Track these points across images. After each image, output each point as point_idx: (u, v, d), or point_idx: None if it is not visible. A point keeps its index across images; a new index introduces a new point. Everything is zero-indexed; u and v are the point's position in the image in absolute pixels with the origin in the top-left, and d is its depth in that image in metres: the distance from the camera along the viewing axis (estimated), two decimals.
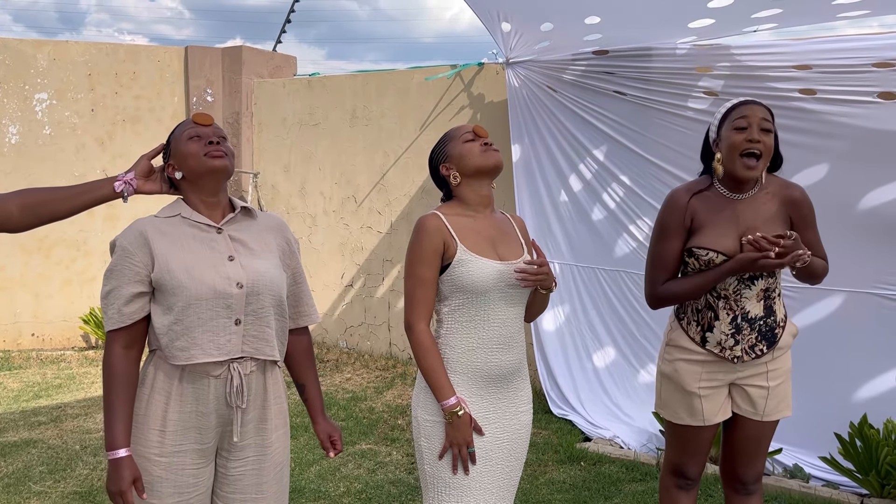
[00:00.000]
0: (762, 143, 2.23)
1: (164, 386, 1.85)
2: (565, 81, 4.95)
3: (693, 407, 2.38)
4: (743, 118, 2.25)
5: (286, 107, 6.89)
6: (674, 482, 2.52)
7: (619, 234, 4.95)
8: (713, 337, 2.34)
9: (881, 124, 3.95)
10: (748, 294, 2.31)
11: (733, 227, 2.29)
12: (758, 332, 2.33)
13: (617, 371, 4.96)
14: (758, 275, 2.30)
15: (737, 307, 2.31)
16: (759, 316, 2.32)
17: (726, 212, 2.30)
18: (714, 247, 2.27)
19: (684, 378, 2.38)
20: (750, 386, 2.37)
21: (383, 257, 6.38)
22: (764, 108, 2.28)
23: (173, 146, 1.94)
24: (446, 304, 2.05)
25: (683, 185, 2.42)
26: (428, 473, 2.04)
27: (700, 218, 2.32)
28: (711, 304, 2.34)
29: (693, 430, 2.42)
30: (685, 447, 2.46)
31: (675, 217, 2.34)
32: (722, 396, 2.40)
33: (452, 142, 2.11)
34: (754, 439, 2.41)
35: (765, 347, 2.33)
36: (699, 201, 2.33)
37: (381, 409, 5.14)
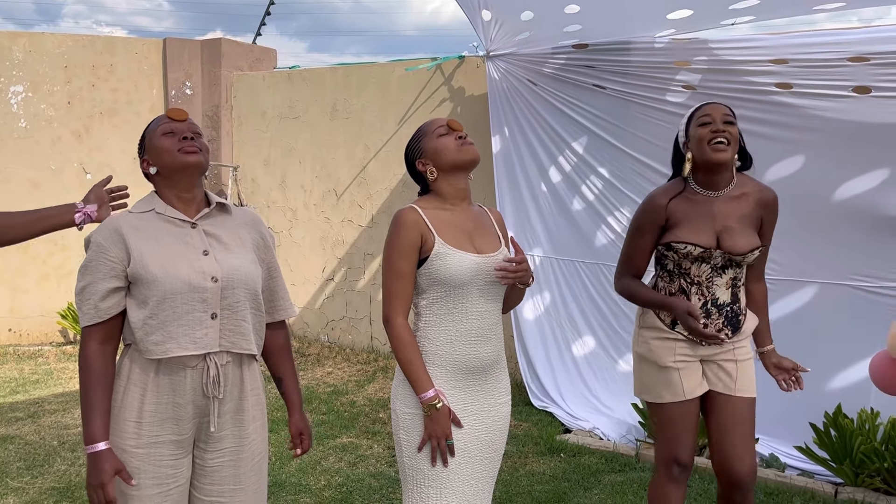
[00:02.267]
0: (727, 132, 2.39)
1: (139, 378, 1.85)
2: (545, 75, 4.97)
3: (672, 381, 2.48)
4: (706, 115, 2.44)
5: (266, 100, 6.85)
6: (668, 475, 2.51)
7: (598, 227, 4.98)
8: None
9: (856, 118, 4.01)
10: (718, 282, 2.47)
11: (710, 223, 2.44)
12: (725, 318, 2.48)
13: (596, 363, 5.00)
14: (728, 264, 2.46)
15: (708, 293, 2.48)
16: (727, 302, 2.49)
17: (703, 209, 2.47)
18: (692, 240, 2.43)
19: (659, 354, 2.50)
20: (721, 360, 2.51)
21: (364, 251, 6.37)
22: (725, 107, 2.46)
23: (147, 141, 1.94)
24: (424, 298, 2.06)
25: (661, 188, 2.55)
26: (407, 466, 2.05)
27: (677, 216, 2.48)
28: (685, 289, 2.50)
29: (676, 408, 2.49)
30: (672, 429, 2.50)
31: (652, 217, 2.51)
32: (697, 372, 2.51)
33: (427, 137, 2.11)
34: (737, 420, 2.47)
35: (729, 332, 2.49)
36: (676, 202, 2.49)
37: (363, 402, 5.14)
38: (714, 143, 2.39)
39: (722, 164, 2.42)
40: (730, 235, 2.43)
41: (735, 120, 2.45)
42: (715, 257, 2.45)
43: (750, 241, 2.44)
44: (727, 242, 2.43)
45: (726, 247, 2.43)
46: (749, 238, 2.44)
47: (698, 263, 2.47)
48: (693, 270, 2.48)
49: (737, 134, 2.43)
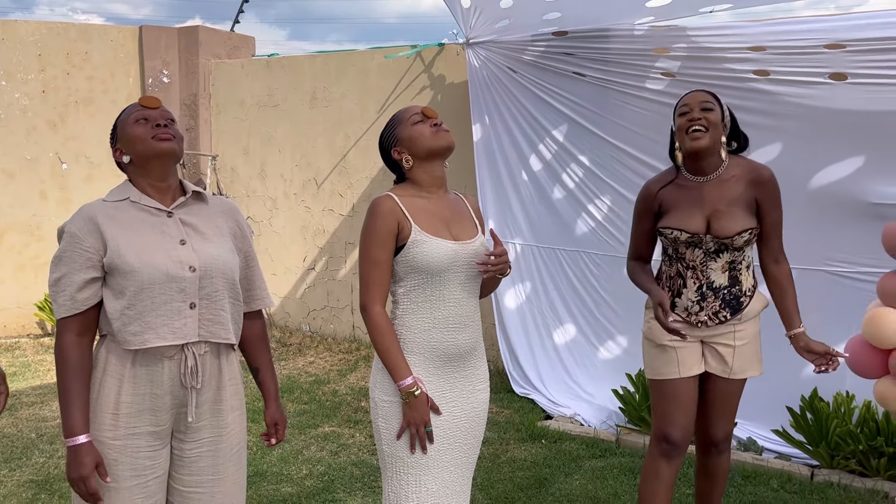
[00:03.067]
0: (703, 118, 2.45)
1: (116, 369, 1.83)
2: (525, 62, 4.96)
3: (669, 358, 2.57)
4: (685, 105, 2.50)
5: (244, 88, 6.78)
6: (659, 450, 2.60)
7: (579, 214, 4.99)
8: (681, 303, 2.58)
9: (832, 104, 4.04)
10: (714, 266, 2.54)
11: (698, 208, 2.51)
12: (721, 300, 2.54)
13: (577, 349, 5.03)
14: (723, 247, 2.51)
15: (703, 277, 2.55)
16: (724, 286, 2.54)
17: (692, 195, 2.53)
18: (678, 226, 2.52)
19: (656, 333, 2.59)
20: (718, 344, 2.58)
21: (345, 240, 6.34)
22: (704, 93, 2.52)
23: (120, 130, 1.91)
24: (401, 285, 2.05)
25: (656, 176, 2.67)
26: (386, 453, 2.05)
27: (668, 203, 2.58)
28: (681, 272, 2.59)
29: (673, 385, 2.57)
30: (668, 406, 2.58)
31: (645, 205, 2.65)
32: (696, 351, 2.59)
33: (402, 125, 2.09)
34: (724, 397, 2.61)
35: (728, 314, 2.54)
36: (668, 189, 2.59)
37: (345, 391, 5.14)
38: (691, 132, 2.45)
39: (701, 151, 2.46)
40: (718, 219, 2.47)
41: (715, 105, 2.49)
42: (706, 242, 2.50)
43: (738, 223, 2.46)
44: (716, 226, 2.47)
45: (714, 231, 2.47)
46: (738, 220, 2.47)
47: (691, 248, 2.54)
48: (688, 255, 2.55)
49: (716, 119, 2.47)
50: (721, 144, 2.50)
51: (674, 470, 2.59)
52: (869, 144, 4.00)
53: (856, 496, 3.52)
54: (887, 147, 3.96)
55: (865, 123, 3.98)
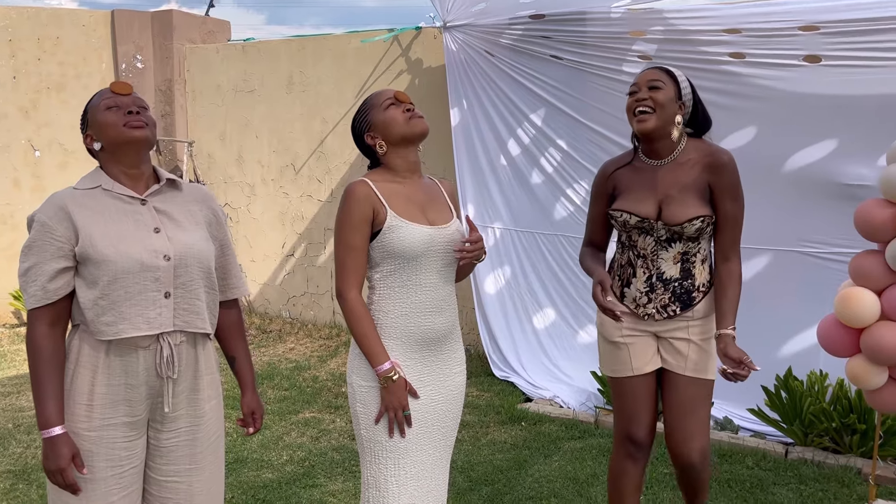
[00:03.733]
0: (650, 98, 2.30)
1: (89, 360, 1.81)
2: (502, 46, 4.94)
3: (621, 356, 2.45)
4: (634, 84, 2.37)
5: (220, 73, 6.71)
6: (623, 451, 2.50)
7: (557, 199, 5.01)
8: (629, 293, 2.45)
9: (806, 87, 4.07)
10: (665, 255, 2.39)
11: (651, 192, 2.37)
12: (671, 293, 2.39)
13: (556, 332, 5.06)
14: (675, 236, 2.36)
15: (653, 267, 2.41)
16: (675, 277, 2.39)
17: (646, 178, 2.40)
18: (628, 209, 2.39)
19: (608, 329, 2.47)
20: (674, 339, 2.42)
21: (324, 226, 6.32)
22: (655, 70, 2.37)
23: (90, 116, 1.87)
24: (378, 271, 2.05)
25: (613, 158, 2.55)
26: (365, 438, 2.05)
27: (622, 185, 2.44)
28: (632, 261, 2.45)
29: (628, 383, 2.45)
30: (626, 404, 2.47)
31: (599, 187, 2.52)
32: (649, 347, 2.44)
33: (375, 109, 2.08)
34: (687, 401, 2.40)
35: (678, 308, 2.39)
36: (623, 171, 2.46)
37: (325, 377, 5.14)
38: (637, 113, 2.31)
39: (648, 134, 2.32)
40: (669, 205, 2.33)
41: (666, 84, 2.32)
42: (657, 229, 2.37)
43: (689, 210, 2.31)
44: (666, 212, 2.33)
45: (665, 217, 2.33)
46: (689, 207, 2.31)
47: (643, 235, 2.40)
48: (639, 243, 2.42)
49: (665, 98, 2.30)
50: (674, 125, 2.32)
51: (640, 469, 2.49)
52: (842, 126, 4.05)
53: (829, 473, 3.58)
54: (860, 129, 4.01)
55: (839, 105, 4.02)
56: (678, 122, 2.33)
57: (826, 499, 3.34)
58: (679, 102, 2.35)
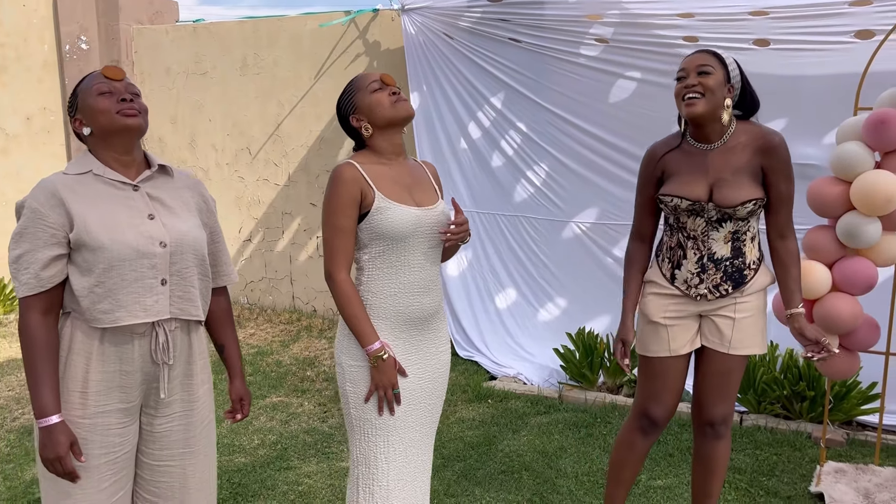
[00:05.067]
0: (700, 84, 2.29)
1: (83, 347, 1.80)
2: (461, 28, 4.98)
3: (660, 336, 2.47)
4: (682, 70, 2.35)
5: (170, 55, 6.56)
6: (637, 424, 2.55)
7: (518, 181, 5.09)
8: (680, 275, 2.45)
9: (756, 69, 4.18)
10: (716, 236, 2.40)
11: (702, 176, 2.37)
12: (723, 273, 2.41)
13: (518, 312, 5.16)
14: (726, 217, 2.37)
15: (704, 248, 2.41)
16: (726, 257, 2.40)
17: (696, 162, 2.39)
18: (679, 193, 2.38)
19: (650, 309, 2.49)
20: (717, 316, 2.44)
21: (282, 210, 6.27)
22: (704, 54, 2.34)
23: (81, 100, 1.84)
24: (366, 252, 2.08)
25: (661, 140, 2.51)
26: (354, 417, 2.10)
27: (670, 169, 2.43)
28: (682, 243, 2.45)
29: (661, 363, 2.48)
30: (653, 383, 2.50)
31: (647, 169, 2.49)
32: (690, 330, 2.47)
33: (360, 92, 2.10)
34: (721, 373, 2.46)
35: (730, 287, 2.41)
36: (672, 155, 2.44)
37: (289, 362, 5.14)
38: (686, 98, 2.31)
39: (698, 118, 2.31)
40: (721, 188, 2.33)
41: (715, 68, 2.31)
42: (708, 210, 2.36)
43: (742, 192, 2.32)
44: (718, 195, 2.33)
45: (717, 200, 2.34)
46: (742, 190, 2.32)
47: (693, 217, 2.40)
48: (689, 224, 2.42)
49: (715, 83, 2.29)
50: (724, 109, 2.31)
51: (648, 444, 2.55)
52: (790, 108, 4.22)
53: (782, 438, 3.78)
54: (807, 110, 4.19)
55: (786, 87, 4.19)
56: (727, 105, 2.32)
57: (780, 462, 3.52)
58: (728, 86, 2.33)
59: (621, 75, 4.63)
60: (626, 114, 4.64)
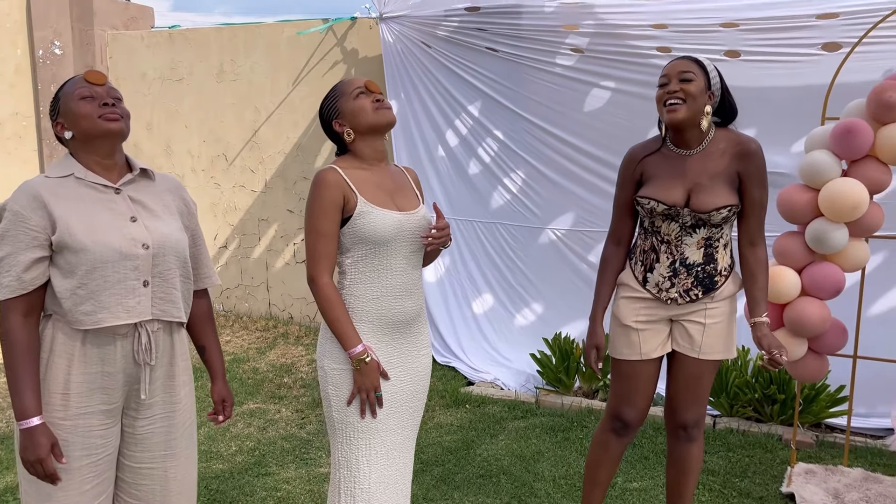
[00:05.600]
0: (681, 90, 2.32)
1: (64, 349, 1.80)
2: (439, 37, 5.02)
3: (631, 340, 2.50)
4: (664, 76, 2.39)
5: (146, 61, 6.53)
6: (610, 425, 2.59)
7: (494, 188, 5.14)
8: (652, 278, 2.48)
9: (727, 80, 4.25)
10: (689, 241, 2.43)
11: (679, 181, 2.41)
12: (694, 278, 2.44)
13: (495, 317, 5.21)
14: (700, 223, 2.40)
15: (677, 252, 2.45)
16: (698, 262, 2.44)
17: (675, 167, 2.43)
18: (656, 197, 2.42)
19: (622, 312, 2.53)
20: (688, 322, 2.48)
21: (258, 216, 6.26)
22: (686, 61, 2.38)
23: (63, 104, 1.85)
24: (349, 256, 2.11)
25: (641, 143, 2.55)
26: (336, 420, 2.11)
27: (649, 172, 2.47)
28: (655, 247, 2.49)
29: (632, 366, 2.52)
30: (625, 386, 2.54)
31: (627, 171, 2.53)
32: (661, 334, 2.51)
33: (344, 97, 2.13)
34: (693, 378, 2.49)
35: (700, 293, 2.45)
36: (652, 158, 2.48)
37: (266, 369, 5.12)
38: (668, 104, 2.34)
39: (679, 124, 2.35)
40: (698, 193, 2.37)
41: (696, 75, 2.33)
42: (683, 216, 2.40)
43: (718, 198, 2.36)
44: (695, 200, 2.37)
45: (693, 205, 2.37)
46: (717, 196, 2.36)
47: (668, 221, 2.44)
48: (663, 229, 2.45)
49: (696, 90, 2.32)
50: (704, 115, 2.35)
51: (622, 445, 2.60)
52: (760, 117, 4.32)
53: (754, 440, 3.86)
54: (776, 120, 4.30)
55: (757, 97, 4.29)
56: (707, 111, 2.35)
57: (752, 464, 3.59)
58: (709, 92, 2.37)
59: (596, 85, 4.71)
60: (601, 122, 4.72)
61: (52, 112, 1.89)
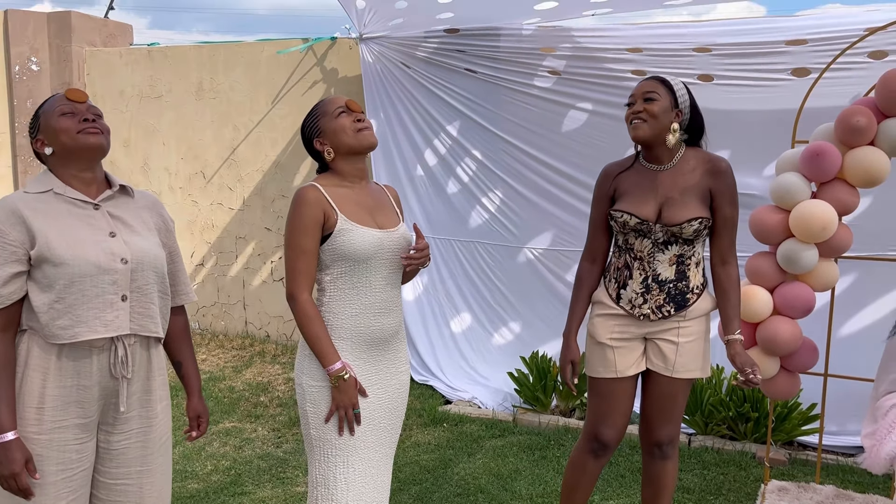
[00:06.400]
0: (645, 110, 2.41)
1: (39, 363, 1.80)
2: (418, 58, 5.08)
3: (606, 358, 2.54)
4: (631, 96, 2.49)
5: (124, 78, 6.51)
6: (588, 446, 2.60)
7: (473, 207, 5.18)
8: (626, 294, 2.53)
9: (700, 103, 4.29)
10: (661, 258, 2.49)
11: (651, 195, 2.48)
12: (666, 294, 2.49)
13: (473, 336, 5.22)
14: (672, 239, 2.46)
15: (649, 269, 2.50)
16: (670, 279, 2.49)
17: (647, 182, 2.50)
18: (629, 210, 2.48)
19: (597, 330, 2.56)
20: (661, 340, 2.52)
21: (236, 234, 6.24)
22: (652, 81, 2.47)
23: (43, 121, 1.88)
24: (328, 273, 2.12)
25: (616, 161, 2.63)
26: (314, 437, 2.11)
27: (622, 187, 2.54)
28: (629, 264, 2.54)
29: (608, 384, 2.54)
30: (601, 404, 2.56)
31: (602, 187, 2.60)
32: (635, 352, 2.54)
33: (325, 117, 2.15)
34: (666, 396, 2.53)
35: (672, 309, 2.49)
36: (625, 175, 2.55)
37: (242, 387, 5.09)
38: (632, 123, 2.44)
39: (643, 142, 2.45)
40: (669, 207, 2.44)
41: (661, 95, 2.42)
42: (655, 232, 2.46)
43: (688, 211, 2.42)
44: (666, 213, 2.44)
45: (664, 218, 2.44)
46: (688, 209, 2.42)
47: (640, 238, 2.49)
48: (636, 245, 2.51)
49: (659, 109, 2.41)
50: (670, 132, 2.43)
51: (599, 466, 2.61)
52: (732, 140, 4.41)
53: (728, 458, 3.90)
54: (747, 142, 4.39)
55: (729, 121, 4.38)
56: (674, 129, 2.44)
57: (727, 482, 3.63)
58: (675, 111, 2.44)
59: (573, 106, 4.78)
60: (578, 143, 4.78)
61: (31, 129, 1.91)
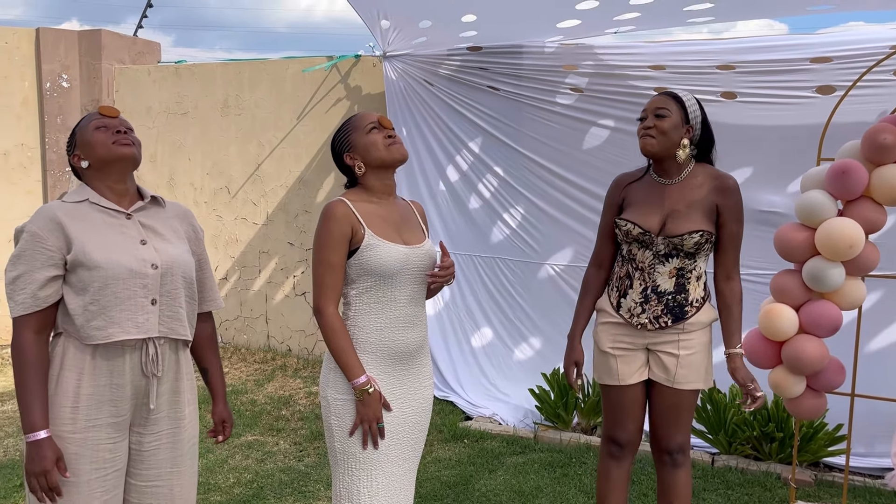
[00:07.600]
0: (655, 126, 2.49)
1: (75, 363, 1.87)
2: (441, 76, 5.12)
3: (609, 366, 2.62)
4: (643, 111, 2.55)
5: (151, 95, 6.63)
6: (606, 450, 2.69)
7: (494, 223, 5.20)
8: (625, 303, 2.59)
9: (724, 120, 4.40)
10: (661, 269, 2.54)
11: (657, 207, 2.54)
12: (664, 306, 2.53)
13: (493, 352, 5.22)
14: (674, 252, 2.52)
15: (649, 279, 2.55)
16: (669, 291, 2.53)
17: (655, 194, 2.57)
18: (633, 220, 2.55)
19: (600, 338, 2.64)
20: (662, 352, 2.56)
21: (259, 249, 6.30)
22: (664, 97, 2.53)
23: (79, 137, 1.97)
24: (354, 287, 2.14)
25: (628, 171, 2.71)
26: (338, 450, 2.13)
27: (631, 197, 2.62)
28: (630, 273, 2.60)
29: (614, 391, 2.63)
30: (611, 409, 2.66)
31: (611, 196, 2.68)
32: (637, 360, 2.60)
33: (357, 132, 2.18)
34: (671, 407, 2.57)
35: (669, 321, 2.53)
36: (635, 185, 2.63)
37: (264, 401, 5.11)
38: (642, 138, 2.52)
39: (652, 155, 2.52)
40: (674, 219, 2.49)
41: (671, 111, 2.48)
42: (657, 244, 2.51)
43: (691, 224, 2.47)
44: (670, 225, 2.49)
45: (667, 230, 2.48)
46: (692, 222, 2.47)
47: (642, 249, 2.55)
48: (638, 256, 2.56)
49: (669, 125, 2.47)
50: (680, 147, 2.50)
51: (623, 470, 2.66)
52: (756, 157, 4.40)
53: (752, 478, 3.85)
54: (771, 159, 4.37)
55: (752, 138, 4.37)
56: (685, 144, 2.51)
57: (751, 502, 3.59)
58: (686, 126, 2.51)
59: (595, 123, 4.79)
60: (599, 160, 4.79)
61: (69, 146, 2.02)
